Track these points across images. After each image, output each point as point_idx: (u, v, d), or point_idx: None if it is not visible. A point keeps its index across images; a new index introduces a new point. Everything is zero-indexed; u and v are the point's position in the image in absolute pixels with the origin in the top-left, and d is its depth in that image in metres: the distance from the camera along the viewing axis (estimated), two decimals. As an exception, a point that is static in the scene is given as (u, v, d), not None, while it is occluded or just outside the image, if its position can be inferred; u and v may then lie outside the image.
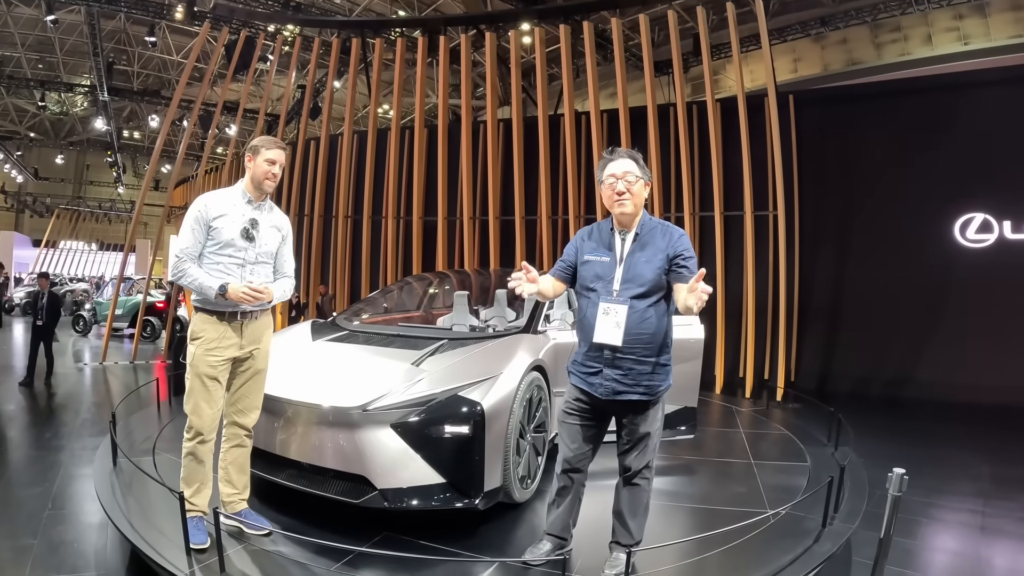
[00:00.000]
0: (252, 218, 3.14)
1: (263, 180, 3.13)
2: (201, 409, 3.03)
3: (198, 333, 3.04)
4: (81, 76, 25.90)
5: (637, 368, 2.75)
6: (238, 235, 3.08)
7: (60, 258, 35.67)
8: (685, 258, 2.73)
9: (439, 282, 6.05)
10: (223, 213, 3.07)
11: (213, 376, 3.03)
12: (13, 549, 3.39)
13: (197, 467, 3.08)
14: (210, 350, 3.03)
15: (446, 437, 3.21)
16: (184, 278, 3.00)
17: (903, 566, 3.44)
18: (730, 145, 8.34)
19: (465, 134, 9.58)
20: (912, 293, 8.37)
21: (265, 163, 3.11)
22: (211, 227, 3.05)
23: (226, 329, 3.07)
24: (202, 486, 3.10)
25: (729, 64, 16.37)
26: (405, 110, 19.12)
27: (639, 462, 2.83)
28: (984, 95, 8.14)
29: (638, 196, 2.80)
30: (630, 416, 2.82)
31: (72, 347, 11.69)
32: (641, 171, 2.81)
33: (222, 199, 3.11)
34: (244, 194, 3.16)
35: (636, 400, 2.77)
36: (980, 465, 5.41)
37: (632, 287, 2.75)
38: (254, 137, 3.27)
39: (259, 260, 3.17)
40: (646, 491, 2.88)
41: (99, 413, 6.56)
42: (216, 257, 3.06)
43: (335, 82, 13.02)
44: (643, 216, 2.87)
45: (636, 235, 2.82)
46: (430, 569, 2.95)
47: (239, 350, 3.11)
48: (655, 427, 2.83)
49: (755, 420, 6.40)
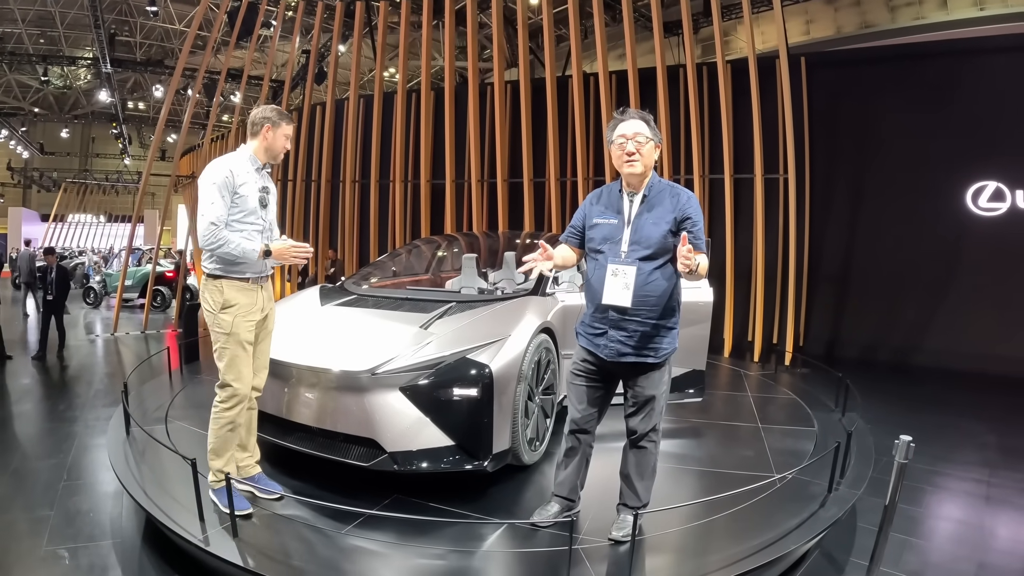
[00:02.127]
0: (264, 185, 3.14)
1: (279, 152, 3.16)
2: (243, 375, 3.05)
3: (232, 301, 3.01)
4: (83, 49, 25.70)
5: (642, 330, 2.74)
6: (257, 204, 3.07)
7: (69, 232, 35.86)
8: (694, 223, 2.70)
9: (447, 245, 6.02)
10: (245, 180, 3.04)
11: (250, 341, 3.07)
12: (30, 520, 3.44)
13: (231, 436, 3.08)
14: (245, 317, 3.04)
15: (455, 400, 3.22)
16: (225, 246, 2.92)
17: (907, 533, 3.44)
18: (740, 107, 8.21)
19: (472, 97, 9.46)
20: (923, 260, 8.29)
21: (283, 137, 3.13)
22: (236, 194, 3.00)
23: (254, 294, 3.08)
24: (231, 455, 3.12)
25: (740, 25, 16.05)
26: (411, 73, 18.92)
27: (645, 425, 2.83)
28: (1000, 61, 7.93)
29: (647, 157, 2.76)
30: (635, 378, 2.81)
31: (83, 319, 11.78)
32: (651, 132, 2.77)
33: (240, 166, 3.06)
34: (254, 161, 3.12)
35: (641, 362, 2.77)
36: (986, 434, 5.38)
37: (639, 249, 2.73)
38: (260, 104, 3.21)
39: (269, 227, 3.18)
40: (653, 454, 2.88)
41: (112, 384, 6.63)
42: (240, 225, 3.01)
43: (340, 46, 12.85)
44: (652, 178, 2.83)
45: (644, 197, 2.79)
46: (440, 531, 2.97)
47: (261, 312, 3.14)
48: (661, 390, 2.82)
49: (763, 384, 6.39)
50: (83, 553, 3.09)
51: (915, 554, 3.25)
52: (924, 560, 3.21)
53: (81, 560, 3.03)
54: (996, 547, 3.43)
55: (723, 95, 8.08)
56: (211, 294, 3.03)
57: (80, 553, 3.09)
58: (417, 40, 12.00)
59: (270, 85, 13.24)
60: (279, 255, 2.99)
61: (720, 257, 8.18)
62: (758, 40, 11.97)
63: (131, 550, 3.16)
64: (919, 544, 3.38)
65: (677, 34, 14.38)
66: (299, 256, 3.05)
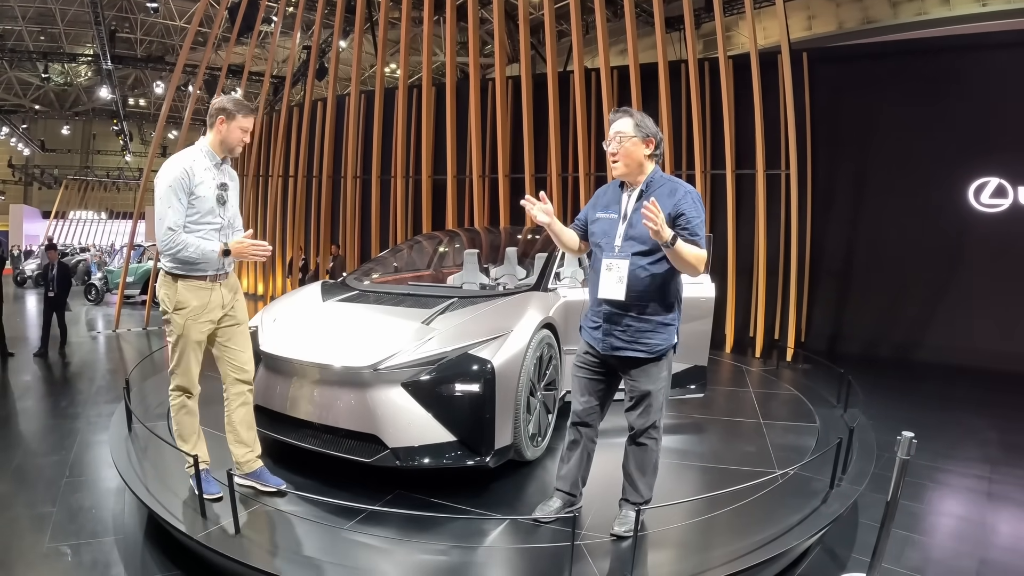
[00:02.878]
0: (222, 182, 3.07)
1: (236, 145, 3.05)
2: (191, 371, 3.08)
3: (184, 303, 2.99)
4: (84, 46, 25.66)
5: (636, 325, 2.75)
6: (215, 201, 3.02)
7: (70, 229, 35.88)
8: (688, 219, 2.67)
9: (449, 241, 6.02)
10: (202, 180, 2.96)
11: (201, 341, 3.07)
12: (33, 517, 3.43)
13: (190, 420, 3.14)
14: (197, 318, 3.02)
15: (457, 395, 3.22)
16: (185, 250, 2.89)
17: (909, 529, 3.44)
18: (742, 103, 8.19)
19: (474, 92, 9.44)
20: (924, 256, 8.29)
21: (239, 130, 3.02)
22: (193, 195, 2.93)
23: (209, 293, 3.04)
24: (198, 437, 3.17)
25: (742, 21, 16.00)
26: (412, 69, 18.89)
27: (642, 421, 2.82)
28: (1002, 57, 7.92)
29: (628, 155, 2.76)
30: (632, 373, 2.81)
31: (85, 316, 11.79)
32: (636, 129, 2.75)
33: (196, 164, 2.97)
34: (212, 156, 3.04)
35: (635, 357, 2.77)
36: (988, 431, 5.38)
37: (635, 244, 2.74)
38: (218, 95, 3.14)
39: (228, 223, 3.12)
40: (653, 451, 2.87)
41: (113, 380, 6.63)
42: (196, 226, 2.96)
43: (341, 42, 12.83)
44: (652, 173, 2.81)
45: (641, 192, 2.79)
46: (442, 527, 2.97)
47: (222, 309, 3.11)
48: (657, 386, 2.80)
49: (765, 380, 6.39)
50: (85, 550, 3.09)
51: (917, 550, 3.25)
52: (926, 556, 3.20)
53: (84, 557, 3.03)
54: (998, 543, 3.42)
55: (725, 91, 8.06)
56: (166, 292, 3.02)
57: (82, 550, 3.09)
58: (418, 35, 11.99)
59: (271, 81, 13.22)
60: (238, 254, 2.95)
61: (722, 253, 8.18)
62: (760, 35, 11.95)
63: (133, 546, 3.15)
64: (921, 540, 3.38)
65: (679, 29, 14.35)
66: (258, 254, 2.98)
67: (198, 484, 2.97)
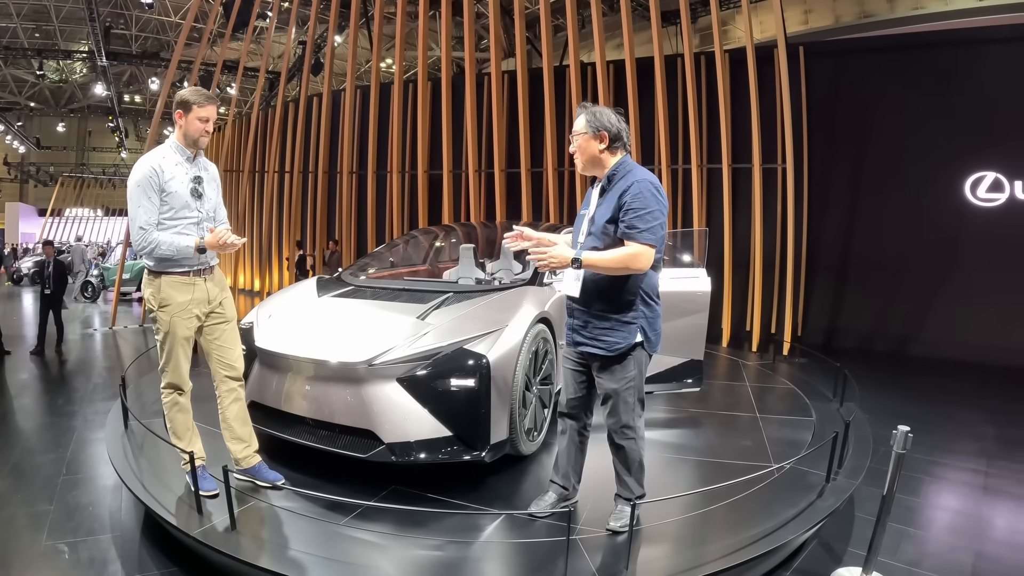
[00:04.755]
0: (196, 175, 3.07)
1: (198, 137, 3.03)
2: (180, 367, 3.08)
3: (168, 300, 3.00)
4: (78, 42, 25.55)
5: (594, 322, 2.75)
6: (189, 195, 3.01)
7: (66, 226, 35.74)
8: (626, 209, 2.61)
9: (445, 235, 6.01)
10: (173, 176, 2.97)
11: (188, 337, 3.07)
12: (30, 515, 3.42)
13: (183, 416, 3.14)
14: (182, 315, 3.02)
15: (452, 390, 3.21)
16: (158, 248, 2.91)
17: (905, 523, 3.44)
18: (739, 97, 8.18)
19: (469, 87, 9.42)
20: (921, 251, 8.29)
21: (197, 121, 3.00)
22: (164, 191, 2.94)
23: (192, 288, 3.05)
24: (192, 434, 3.18)
25: (738, 14, 15.98)
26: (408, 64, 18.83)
27: (611, 420, 2.81)
28: (999, 52, 7.91)
29: (582, 151, 2.76)
30: (597, 370, 2.82)
31: (81, 314, 11.76)
32: (587, 125, 2.73)
33: (166, 161, 2.98)
34: (182, 151, 3.05)
35: (594, 354, 2.78)
36: (984, 425, 5.39)
37: (593, 239, 2.74)
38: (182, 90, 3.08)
39: (207, 216, 3.11)
40: (633, 450, 2.83)
41: (110, 377, 6.62)
42: (171, 223, 2.97)
43: (336, 37, 12.79)
44: (616, 166, 2.75)
45: (603, 187, 2.78)
46: (438, 522, 2.97)
47: (207, 305, 3.12)
48: (622, 385, 2.74)
49: (761, 374, 6.40)
50: (83, 547, 3.09)
51: (913, 544, 3.26)
52: (922, 550, 3.21)
53: (81, 554, 3.03)
54: (994, 537, 3.43)
55: (721, 85, 8.05)
56: (151, 290, 3.04)
57: (80, 547, 3.09)
58: (414, 30, 11.95)
59: (266, 77, 13.17)
60: (211, 246, 2.95)
61: (718, 247, 8.18)
62: (756, 30, 11.91)
63: (131, 543, 3.15)
64: (917, 534, 3.39)
65: (675, 23, 14.30)
66: (227, 244, 2.93)
67: (194, 481, 2.98)
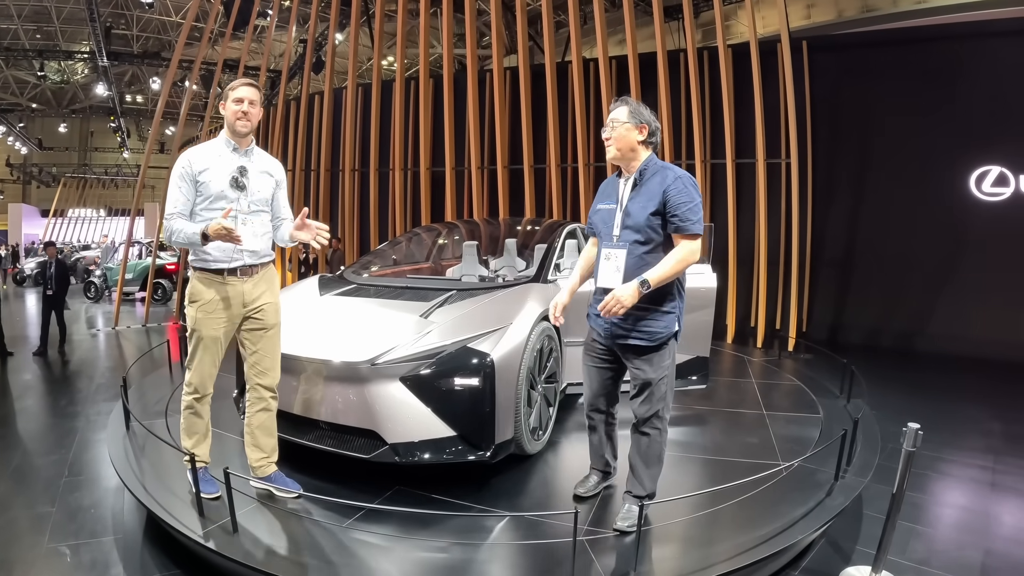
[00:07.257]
0: (240, 166, 3.00)
1: (235, 121, 2.97)
2: (203, 369, 3.02)
3: (196, 296, 2.98)
4: (80, 43, 25.52)
5: (636, 313, 2.75)
6: (227, 186, 2.96)
7: (69, 227, 35.81)
8: (675, 205, 2.68)
9: (448, 233, 5.96)
10: (207, 166, 2.94)
11: (216, 337, 2.99)
12: (32, 517, 3.41)
13: (196, 420, 3.10)
14: (210, 313, 2.97)
15: (456, 389, 3.18)
16: (175, 235, 2.89)
17: (913, 521, 3.41)
18: (742, 92, 8.13)
19: (471, 84, 9.38)
20: (926, 245, 8.24)
21: (233, 103, 2.95)
22: (198, 182, 2.93)
23: (225, 288, 2.99)
24: (202, 437, 3.14)
25: (741, 9, 15.91)
26: (410, 61, 18.78)
27: (644, 409, 2.83)
28: (1003, 45, 7.84)
29: (621, 139, 2.79)
30: (633, 361, 2.83)
31: (84, 314, 11.76)
32: (629, 116, 2.78)
33: (206, 151, 2.99)
34: (228, 143, 3.02)
35: (635, 345, 2.79)
36: (991, 421, 5.34)
37: (631, 233, 2.77)
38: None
39: (253, 209, 3.03)
40: (657, 442, 2.85)
41: (113, 378, 6.60)
42: (207, 213, 2.93)
43: (337, 35, 12.75)
44: (647, 160, 2.82)
45: (636, 181, 2.81)
46: (442, 523, 2.94)
47: (243, 307, 3.04)
48: (659, 375, 2.79)
49: (767, 370, 6.36)
50: (85, 550, 3.07)
51: (922, 542, 3.22)
52: (931, 548, 3.18)
53: (83, 557, 3.01)
54: (1003, 534, 3.39)
55: (724, 80, 8.00)
56: (189, 285, 3.05)
57: (82, 550, 3.07)
58: (415, 28, 11.91)
59: (268, 75, 13.14)
60: (214, 235, 2.76)
61: (723, 242, 8.13)
62: (759, 24, 11.86)
63: (133, 546, 3.13)
64: (925, 532, 3.35)
65: (677, 19, 14.26)
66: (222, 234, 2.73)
67: (195, 483, 2.96)
